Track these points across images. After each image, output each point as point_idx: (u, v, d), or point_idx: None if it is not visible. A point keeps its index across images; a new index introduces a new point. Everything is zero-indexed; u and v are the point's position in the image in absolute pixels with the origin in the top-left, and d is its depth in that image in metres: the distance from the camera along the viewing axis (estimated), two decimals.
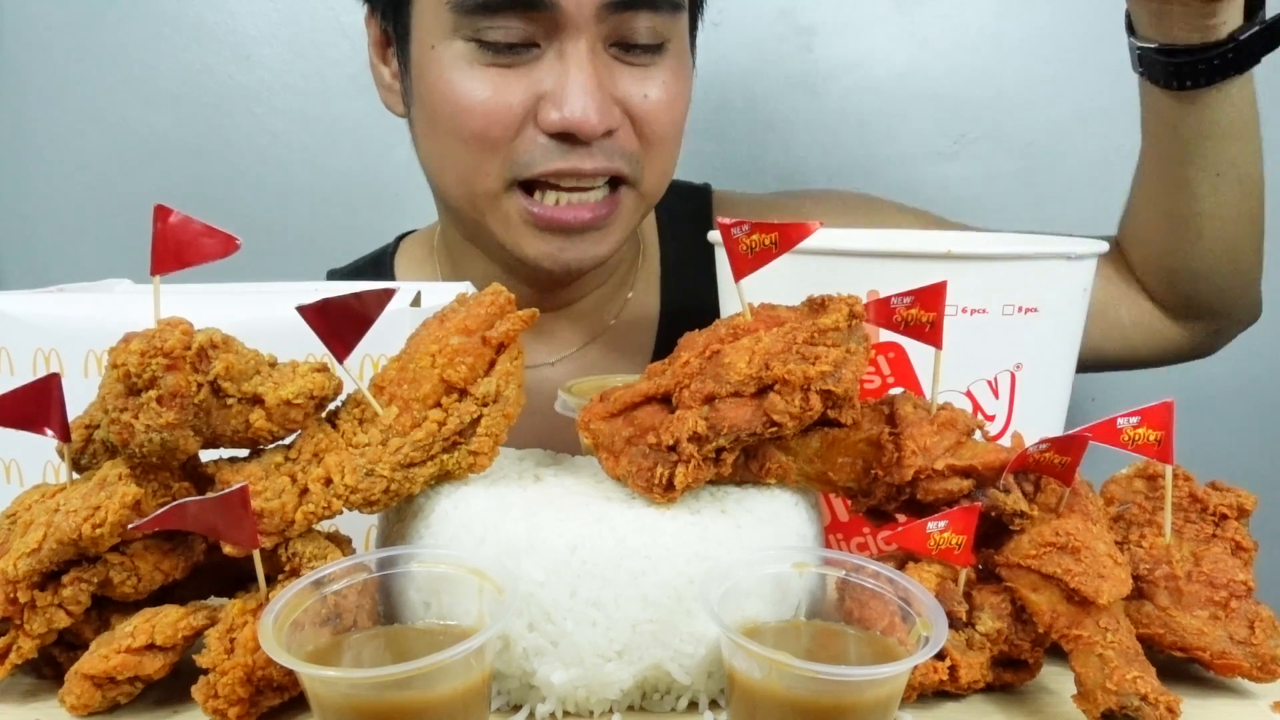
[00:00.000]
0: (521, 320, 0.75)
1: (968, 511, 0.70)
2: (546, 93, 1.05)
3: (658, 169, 1.14)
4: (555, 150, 1.06)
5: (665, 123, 1.11)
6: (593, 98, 1.04)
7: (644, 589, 0.67)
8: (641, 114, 1.09)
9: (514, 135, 1.07)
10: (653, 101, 1.09)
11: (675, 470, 0.70)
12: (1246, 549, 0.76)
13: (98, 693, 0.67)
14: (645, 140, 1.11)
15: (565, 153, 1.06)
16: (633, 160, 1.11)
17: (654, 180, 1.15)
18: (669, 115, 1.12)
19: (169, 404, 0.64)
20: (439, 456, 0.72)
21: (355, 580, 0.67)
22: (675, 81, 1.12)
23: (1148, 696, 0.65)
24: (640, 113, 1.09)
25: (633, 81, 1.09)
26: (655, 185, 1.16)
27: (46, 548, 0.66)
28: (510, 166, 1.08)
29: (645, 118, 1.09)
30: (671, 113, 1.12)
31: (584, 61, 1.04)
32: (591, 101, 1.03)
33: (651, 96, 1.09)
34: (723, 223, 0.73)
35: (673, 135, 1.14)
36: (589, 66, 1.04)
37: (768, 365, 0.70)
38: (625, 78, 1.08)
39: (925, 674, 0.69)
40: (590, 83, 1.04)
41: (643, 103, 1.09)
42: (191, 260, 0.68)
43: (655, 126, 1.10)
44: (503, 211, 1.11)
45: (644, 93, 1.09)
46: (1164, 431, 0.72)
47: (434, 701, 0.59)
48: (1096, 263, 0.89)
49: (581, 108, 1.03)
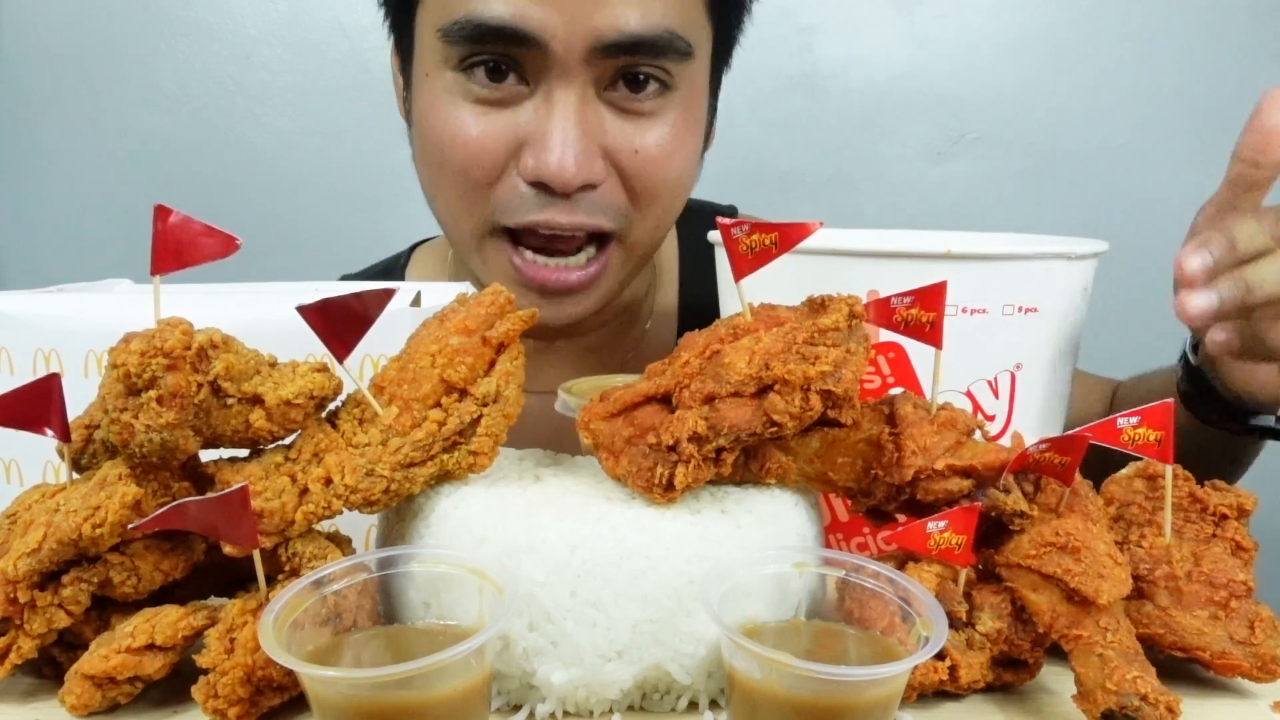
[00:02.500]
0: (521, 320, 0.75)
1: (968, 511, 0.70)
2: (529, 137, 0.99)
3: (649, 225, 1.07)
4: (534, 200, 1.01)
5: (657, 179, 1.03)
6: (572, 148, 0.97)
7: (644, 589, 0.67)
8: (630, 169, 1.02)
9: (495, 179, 1.02)
10: (643, 157, 1.02)
11: (675, 470, 0.70)
12: (1246, 549, 0.76)
13: (98, 693, 0.67)
14: (634, 196, 1.04)
15: (543, 204, 1.00)
16: (619, 216, 1.04)
17: (644, 236, 1.08)
18: (662, 171, 1.04)
19: (169, 404, 0.64)
20: (439, 456, 0.72)
21: (355, 580, 0.67)
22: (675, 134, 1.04)
23: (1148, 696, 0.65)
24: (629, 168, 1.02)
25: (624, 133, 1.01)
26: (646, 241, 1.09)
27: (46, 548, 0.66)
28: (493, 211, 1.03)
29: (634, 173, 1.02)
30: (666, 168, 1.04)
31: (569, 107, 0.97)
32: (570, 152, 0.97)
33: (642, 151, 1.02)
34: (723, 223, 0.73)
35: (667, 192, 1.06)
36: (573, 113, 0.98)
37: (768, 365, 0.70)
38: (616, 128, 1.01)
39: (925, 674, 0.69)
40: (572, 132, 0.97)
41: (632, 158, 1.01)
42: (191, 260, 0.68)
43: (645, 182, 1.03)
44: (486, 257, 1.07)
45: (634, 147, 1.01)
46: (1164, 431, 0.72)
47: (434, 701, 0.59)
48: (1095, 266, 0.89)
49: (558, 159, 0.96)
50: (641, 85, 1.01)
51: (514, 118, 1.00)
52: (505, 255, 1.05)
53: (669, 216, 1.10)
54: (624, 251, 1.08)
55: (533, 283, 1.05)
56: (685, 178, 1.09)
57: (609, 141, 1.01)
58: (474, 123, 1.00)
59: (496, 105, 1.00)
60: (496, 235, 1.05)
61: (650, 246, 1.11)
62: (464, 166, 1.02)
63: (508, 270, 1.06)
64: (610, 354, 1.26)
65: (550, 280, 1.05)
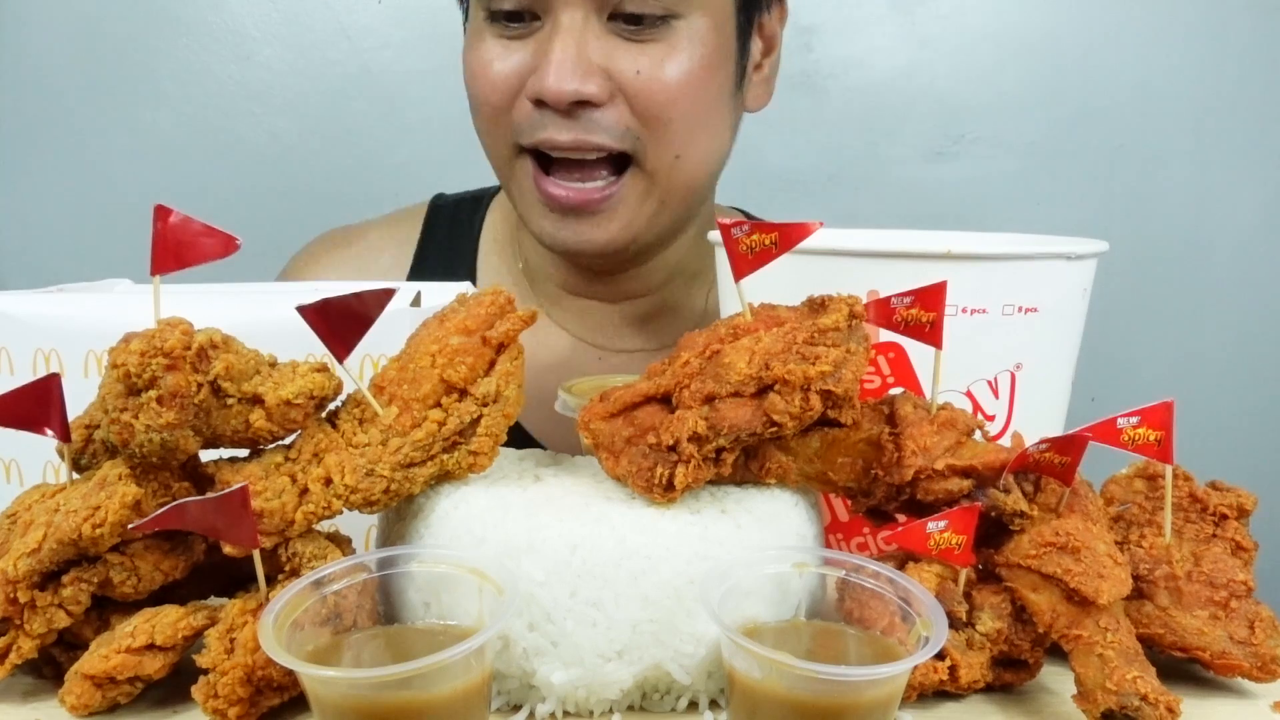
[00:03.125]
0: (521, 320, 0.75)
1: (968, 511, 0.70)
2: (536, 63, 1.06)
3: (665, 150, 1.10)
4: (539, 119, 1.07)
5: (662, 101, 1.07)
6: (564, 66, 1.03)
7: (644, 589, 0.67)
8: (633, 90, 1.06)
9: (510, 103, 1.09)
10: (645, 77, 1.06)
11: (675, 470, 0.70)
12: (1246, 549, 0.76)
13: (98, 693, 0.67)
14: (642, 118, 1.08)
15: (546, 122, 1.07)
16: (626, 136, 1.08)
17: (661, 160, 1.10)
18: (669, 94, 1.07)
19: (169, 404, 0.64)
20: (439, 456, 0.72)
21: (355, 580, 0.67)
22: (680, 59, 1.07)
23: (1148, 696, 0.65)
24: (632, 88, 1.06)
25: (627, 56, 1.06)
26: (668, 168, 1.11)
27: (46, 548, 0.66)
28: (511, 132, 1.10)
29: (638, 93, 1.06)
30: (673, 91, 1.07)
31: (568, 30, 1.04)
32: (564, 70, 1.03)
33: (644, 71, 1.06)
34: (723, 223, 0.73)
35: (678, 116, 1.09)
36: (571, 36, 1.04)
37: (768, 365, 0.70)
38: (620, 51, 1.06)
39: (925, 674, 0.69)
40: (567, 52, 1.03)
41: (634, 78, 1.06)
42: (191, 260, 0.68)
43: (649, 104, 1.07)
44: (517, 180, 1.14)
45: (636, 69, 1.06)
46: (1164, 431, 0.72)
47: (434, 701, 0.59)
48: (1095, 266, 0.89)
49: (553, 76, 1.03)
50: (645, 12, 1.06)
51: (527, 49, 1.08)
52: (530, 175, 1.11)
53: (691, 150, 1.12)
54: (644, 179, 1.11)
55: (551, 199, 1.10)
56: (701, 109, 1.11)
57: (611, 64, 1.06)
58: (495, 56, 1.09)
59: (516, 39, 1.09)
60: (523, 159, 1.12)
61: (669, 176, 1.12)
62: (485, 94, 1.11)
63: (533, 192, 1.12)
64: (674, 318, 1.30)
65: (567, 197, 1.10)
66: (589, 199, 1.10)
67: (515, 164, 1.13)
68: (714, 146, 1.16)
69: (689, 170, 1.13)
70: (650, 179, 1.11)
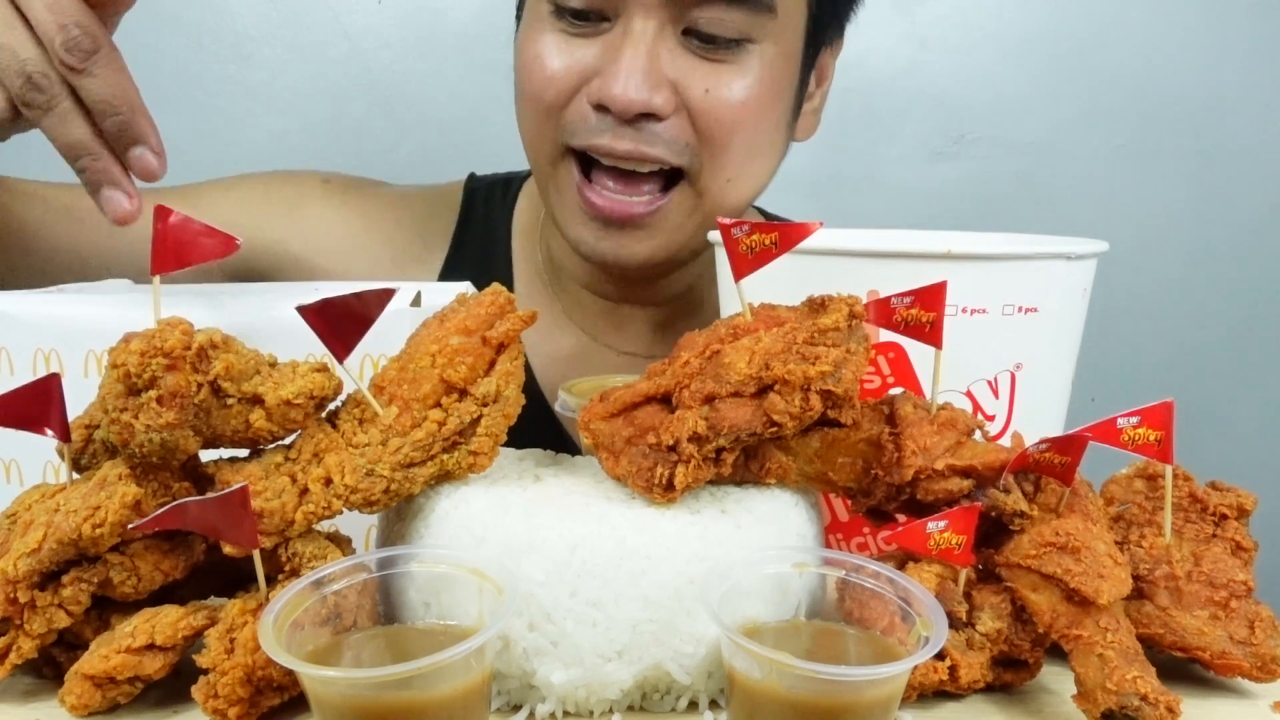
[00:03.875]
0: (522, 320, 0.75)
1: (968, 511, 0.70)
2: (602, 66, 1.04)
3: (719, 174, 1.08)
4: (596, 124, 1.05)
5: (728, 124, 1.06)
6: (634, 76, 1.01)
7: (644, 589, 0.67)
8: (700, 107, 1.05)
9: (565, 102, 1.06)
10: (713, 97, 1.04)
11: (675, 470, 0.70)
12: (1246, 549, 0.76)
13: (98, 693, 0.67)
14: (702, 136, 1.06)
15: (605, 129, 1.05)
16: (686, 153, 1.06)
17: (714, 180, 1.09)
18: (734, 117, 1.06)
19: (169, 404, 0.64)
20: (439, 456, 0.72)
21: (355, 580, 0.67)
22: (750, 86, 1.06)
23: (1148, 696, 0.65)
24: (699, 106, 1.05)
25: (698, 71, 1.04)
26: (719, 189, 1.10)
27: (46, 548, 0.66)
28: (561, 131, 1.08)
29: (703, 112, 1.05)
30: (738, 115, 1.06)
31: (641, 38, 1.02)
32: (633, 79, 1.01)
33: (713, 91, 1.04)
34: (723, 223, 0.73)
35: (738, 140, 1.07)
36: (644, 45, 1.02)
37: (768, 365, 0.70)
38: (690, 68, 1.04)
39: (925, 674, 0.69)
40: (638, 61, 1.01)
41: (702, 96, 1.04)
42: (191, 260, 0.68)
43: (714, 124, 1.05)
44: (559, 182, 1.11)
45: (705, 86, 1.04)
46: (1164, 431, 0.72)
47: (434, 701, 0.59)
48: (1095, 266, 0.89)
49: (621, 84, 1.01)
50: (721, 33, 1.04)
51: (592, 48, 1.05)
52: (573, 182, 1.09)
53: (744, 174, 1.11)
54: (692, 195, 1.09)
55: (595, 209, 1.08)
56: (759, 136, 1.10)
57: (680, 78, 1.04)
58: (555, 51, 1.06)
59: (580, 37, 1.06)
60: (568, 160, 1.09)
61: (720, 197, 1.10)
62: (539, 90, 1.07)
63: (574, 197, 1.09)
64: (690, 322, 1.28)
65: (612, 209, 1.08)
66: (633, 212, 1.08)
67: (559, 164, 1.10)
68: (764, 172, 1.15)
69: (738, 193, 1.12)
70: (699, 197, 1.10)
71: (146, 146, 0.79)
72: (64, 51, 0.74)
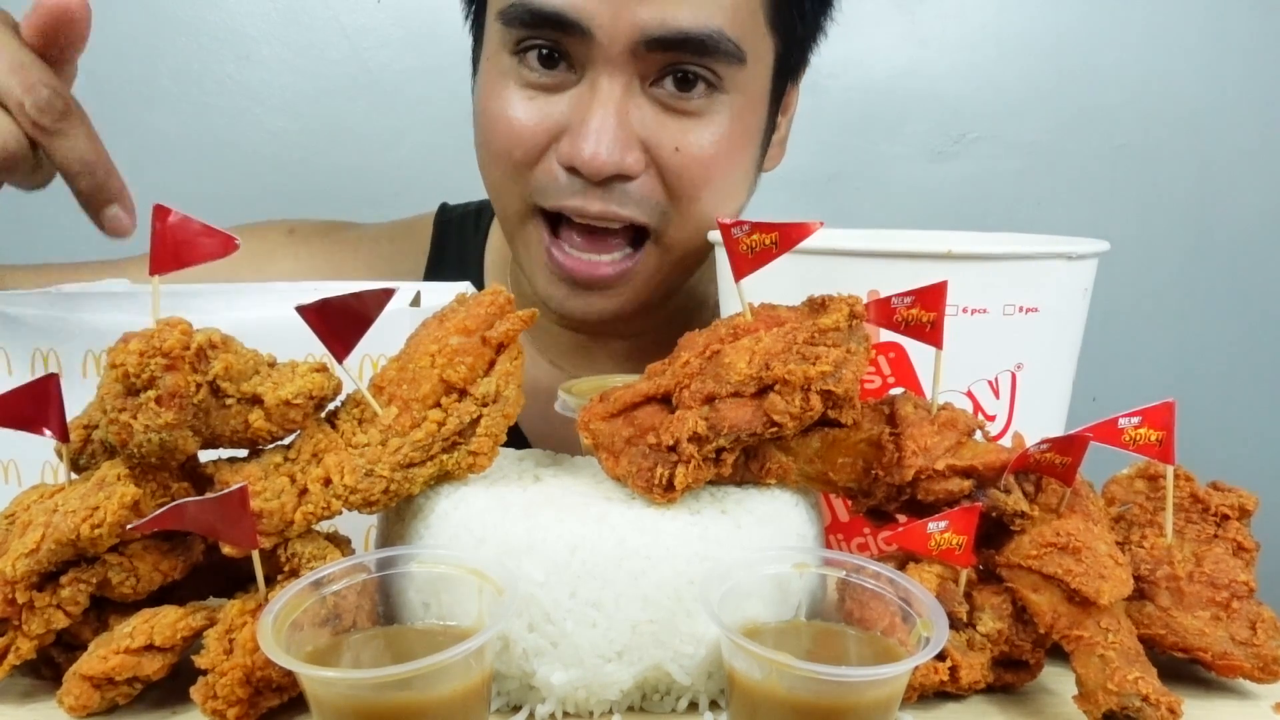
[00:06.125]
0: (521, 320, 0.75)
1: (968, 512, 0.69)
2: (570, 124, 1.01)
3: (688, 227, 1.07)
4: (567, 185, 1.03)
5: (697, 179, 1.04)
6: (604, 138, 0.99)
7: (644, 589, 0.67)
8: (670, 166, 1.03)
9: (535, 161, 1.04)
10: (684, 155, 1.03)
11: (675, 470, 0.70)
12: (1248, 549, 0.76)
13: (96, 694, 0.67)
14: (673, 194, 1.05)
15: (576, 190, 1.03)
16: (655, 211, 1.05)
17: (681, 236, 1.07)
18: (703, 172, 1.04)
19: (168, 404, 0.64)
20: (438, 457, 0.72)
21: (355, 581, 0.67)
22: (720, 138, 1.04)
23: (1149, 697, 0.65)
24: (669, 164, 1.03)
25: (666, 129, 1.02)
26: (683, 242, 1.08)
27: (45, 548, 0.66)
28: (530, 191, 1.06)
29: (674, 170, 1.03)
30: (707, 170, 1.04)
31: (609, 97, 1.00)
32: (604, 141, 0.99)
33: (683, 149, 1.02)
34: (723, 223, 0.73)
35: (708, 194, 1.06)
36: (613, 104, 1.00)
37: (768, 365, 0.70)
38: (659, 123, 1.02)
39: (926, 674, 0.69)
40: (609, 121, 0.99)
41: (672, 155, 1.02)
42: (190, 260, 0.68)
43: (684, 181, 1.04)
44: (526, 238, 1.10)
45: (675, 144, 1.02)
46: (1165, 431, 0.72)
47: (434, 702, 0.59)
48: (1095, 266, 0.89)
49: (592, 146, 0.99)
50: (690, 85, 1.02)
51: (559, 104, 1.03)
52: (541, 241, 1.08)
53: (710, 223, 1.08)
54: (660, 252, 1.09)
55: (563, 270, 1.07)
56: (730, 184, 1.09)
57: (649, 136, 1.02)
58: (521, 106, 1.03)
59: (545, 90, 1.03)
60: (536, 218, 1.08)
61: (684, 249, 1.10)
62: (506, 147, 1.05)
63: (541, 257, 1.08)
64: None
65: (581, 271, 1.07)
66: (601, 274, 1.07)
67: (528, 222, 1.08)
68: (734, 212, 1.14)
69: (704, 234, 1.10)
70: (666, 251, 1.09)
71: (120, 205, 0.78)
72: (36, 113, 0.74)
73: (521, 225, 1.09)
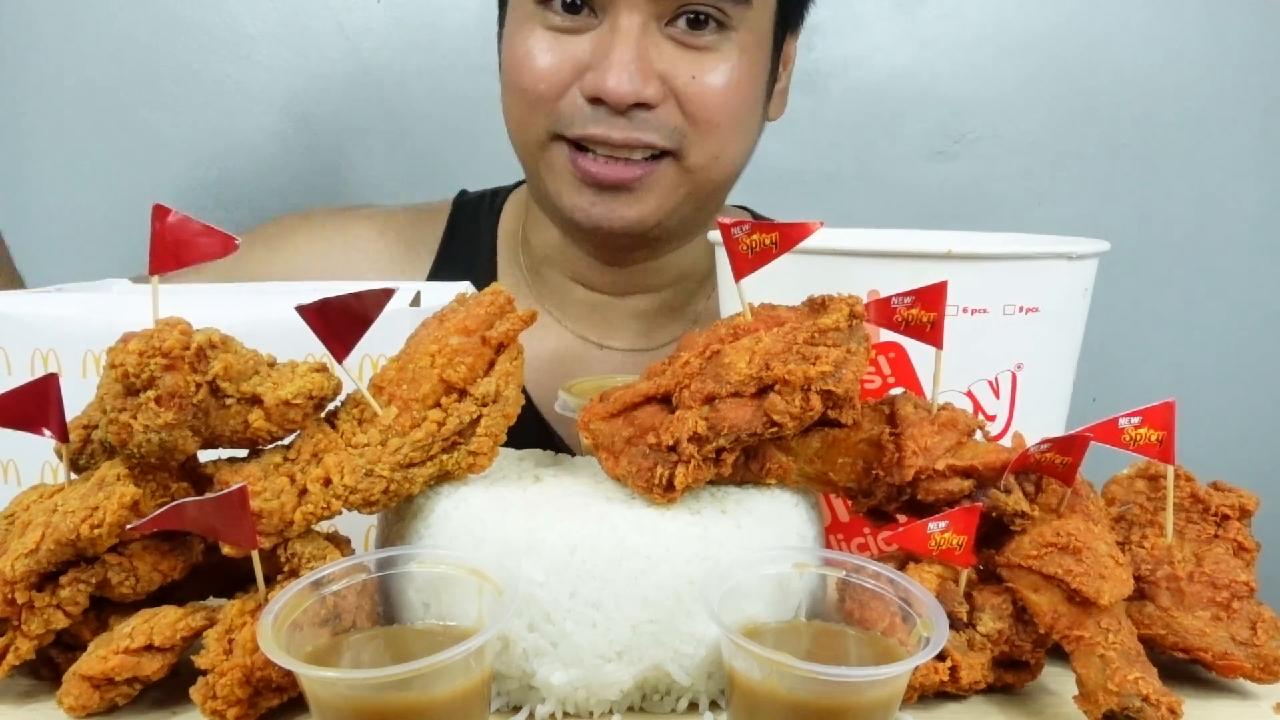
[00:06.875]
0: (521, 320, 0.75)
1: (968, 512, 0.69)
2: (592, 61, 1.10)
3: (706, 150, 1.16)
4: (591, 115, 1.11)
5: (713, 106, 1.13)
6: (627, 69, 1.08)
7: (644, 589, 0.67)
8: (686, 94, 1.12)
9: (558, 95, 1.13)
10: (700, 83, 1.12)
11: (675, 470, 0.70)
12: (1249, 549, 0.76)
13: (96, 694, 0.67)
14: (691, 119, 1.13)
15: (599, 119, 1.11)
16: (674, 135, 1.13)
17: (701, 157, 1.16)
18: (719, 99, 1.14)
19: (167, 404, 0.64)
20: (438, 457, 0.72)
21: (354, 581, 0.67)
22: (732, 70, 1.14)
23: (1149, 697, 0.65)
24: (685, 93, 1.12)
25: (683, 60, 1.12)
26: (704, 164, 1.17)
27: (44, 548, 0.66)
28: (553, 121, 1.14)
29: (691, 97, 1.12)
30: (722, 97, 1.14)
31: (630, 34, 1.09)
32: (625, 73, 1.08)
33: (699, 77, 1.12)
34: (723, 223, 0.73)
35: (724, 120, 1.15)
36: (633, 40, 1.09)
37: (768, 365, 0.70)
38: (676, 57, 1.12)
39: (926, 675, 0.69)
40: (628, 54, 1.08)
41: (689, 83, 1.12)
42: (190, 260, 0.67)
43: (700, 108, 1.13)
44: (549, 160, 1.17)
45: (691, 74, 1.12)
46: (1165, 431, 0.72)
47: (433, 702, 0.59)
48: (1095, 266, 0.89)
49: (615, 78, 1.08)
50: (701, 24, 1.12)
51: (581, 44, 1.12)
52: (565, 155, 1.15)
53: (727, 151, 1.18)
54: (679, 170, 1.16)
55: (589, 175, 1.14)
56: (742, 116, 1.18)
57: (667, 68, 1.12)
58: (545, 47, 1.13)
59: (568, 33, 1.13)
60: (558, 142, 1.16)
61: (705, 170, 1.18)
62: (531, 84, 1.14)
63: (568, 168, 1.15)
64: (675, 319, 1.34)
65: (605, 174, 1.14)
66: (625, 176, 1.14)
67: (549, 147, 1.16)
68: (745, 149, 1.23)
69: (723, 167, 1.20)
70: (685, 172, 1.17)
71: None
72: None
73: (544, 151, 1.17)
